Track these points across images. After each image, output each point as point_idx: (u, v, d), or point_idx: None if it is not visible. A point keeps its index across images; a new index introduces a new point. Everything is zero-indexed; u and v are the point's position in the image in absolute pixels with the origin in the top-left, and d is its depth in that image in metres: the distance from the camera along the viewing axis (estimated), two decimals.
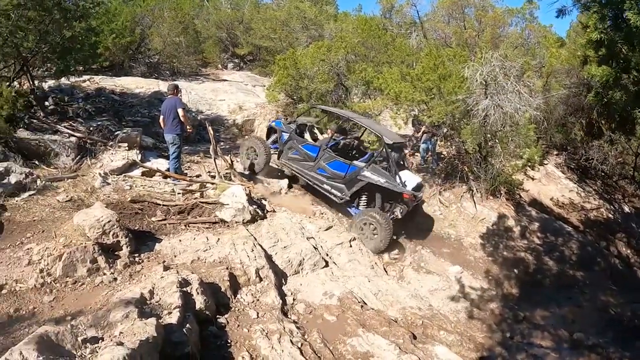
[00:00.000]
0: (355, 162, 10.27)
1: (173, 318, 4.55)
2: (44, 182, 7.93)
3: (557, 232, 11.77)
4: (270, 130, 11.93)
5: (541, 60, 16.85)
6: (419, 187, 10.39)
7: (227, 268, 6.49)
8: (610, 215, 14.00)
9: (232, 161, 10.34)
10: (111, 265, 5.86)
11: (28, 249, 5.83)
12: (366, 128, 11.53)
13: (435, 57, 11.99)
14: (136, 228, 7.20)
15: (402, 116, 12.69)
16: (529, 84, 11.66)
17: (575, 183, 15.12)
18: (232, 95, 18.20)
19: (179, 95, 9.88)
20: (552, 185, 14.65)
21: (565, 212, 13.68)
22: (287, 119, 12.33)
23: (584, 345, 7.99)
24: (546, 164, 14.90)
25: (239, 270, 6.63)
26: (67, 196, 7.67)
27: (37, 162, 8.94)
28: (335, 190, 10.26)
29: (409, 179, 10.05)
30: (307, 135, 11.47)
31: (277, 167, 11.63)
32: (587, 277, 10.47)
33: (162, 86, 16.54)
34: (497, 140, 11.53)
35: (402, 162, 10.77)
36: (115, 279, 5.64)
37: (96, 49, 13.38)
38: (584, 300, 9.66)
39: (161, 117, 9.63)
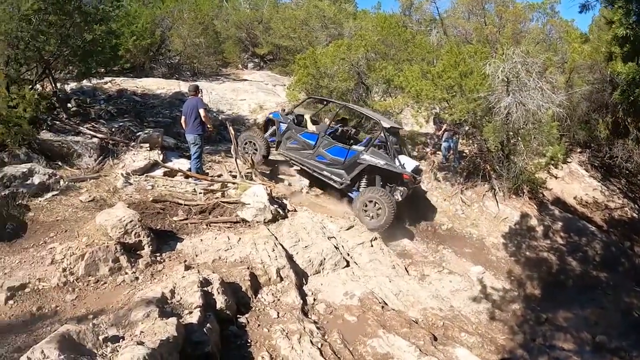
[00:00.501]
0: (354, 146, 10.50)
1: (194, 317, 4.56)
2: (67, 182, 8.04)
3: (580, 231, 11.59)
4: (268, 123, 11.95)
5: (563, 56, 16.49)
6: (417, 171, 10.53)
7: (248, 268, 6.51)
8: (634, 215, 13.71)
9: (253, 161, 10.33)
10: (133, 264, 5.90)
11: (51, 248, 5.92)
12: (364, 115, 12.00)
13: (456, 54, 11.86)
14: (158, 227, 7.25)
15: (424, 114, 12.65)
16: (551, 81, 11.50)
17: (599, 181, 14.85)
18: (252, 94, 18.14)
19: (200, 95, 9.92)
20: (575, 183, 14.40)
21: (589, 211, 13.44)
22: (284, 110, 12.33)
23: (607, 349, 7.89)
24: (569, 162, 14.68)
25: (259, 269, 6.64)
26: (89, 196, 7.76)
27: (60, 163, 9.04)
28: (335, 176, 10.36)
29: (407, 162, 10.19)
30: (308, 125, 11.49)
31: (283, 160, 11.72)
32: (610, 278, 10.29)
33: (183, 87, 16.55)
34: (519, 138, 11.39)
35: (399, 147, 10.87)
36: (137, 278, 5.69)
37: (117, 51, 13.50)
38: (607, 302, 9.49)
39: (182, 117, 9.71)
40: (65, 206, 7.33)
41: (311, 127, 11.35)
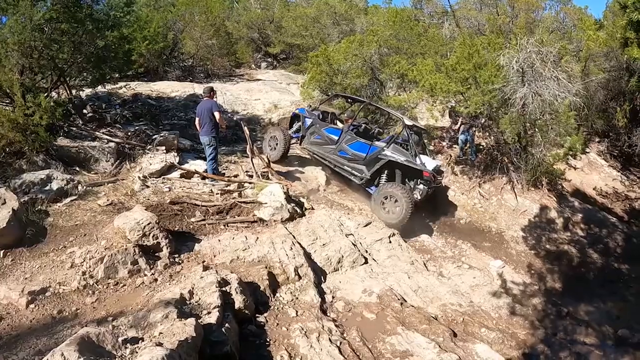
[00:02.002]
0: (376, 142, 10.58)
1: (212, 318, 4.56)
2: (85, 187, 8.15)
3: (601, 223, 11.44)
4: (294, 119, 12.11)
5: (578, 44, 16.22)
6: (438, 170, 10.51)
7: (266, 267, 6.50)
8: None
9: (269, 160, 10.34)
10: (152, 266, 5.95)
11: (71, 252, 5.98)
12: (387, 112, 12.12)
13: (469, 45, 11.66)
14: (176, 229, 7.30)
15: (439, 108, 12.52)
16: (567, 70, 11.29)
17: (618, 171, 14.69)
18: (266, 94, 18.15)
19: (215, 97, 9.94)
20: (594, 174, 14.23)
21: (609, 202, 13.29)
22: (310, 106, 12.51)
23: (629, 343, 7.69)
24: (588, 152, 14.47)
25: (277, 268, 6.63)
26: (107, 200, 7.85)
27: (77, 169, 9.16)
28: (355, 171, 10.39)
29: (428, 162, 10.18)
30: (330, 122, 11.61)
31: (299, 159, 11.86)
32: (632, 271, 10.09)
33: (197, 89, 16.66)
34: (536, 129, 11.20)
35: (421, 148, 10.94)
36: (156, 280, 5.73)
37: (130, 56, 13.63)
38: (629, 295, 9.32)
39: (197, 119, 9.74)
40: (84, 211, 7.41)
41: (339, 124, 11.49)
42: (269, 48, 26.22)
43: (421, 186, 9.94)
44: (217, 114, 9.49)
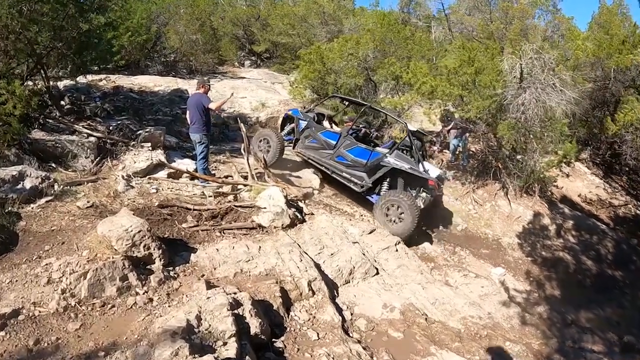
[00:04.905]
0: (378, 148, 10.21)
1: (230, 351, 3.70)
2: (62, 186, 7.12)
3: (591, 230, 11.62)
4: (285, 121, 11.52)
5: (565, 53, 16.16)
6: (441, 178, 10.34)
7: (276, 282, 5.75)
8: (638, 212, 13.89)
9: (265, 161, 9.48)
10: (144, 282, 5.03)
11: (47, 264, 5.01)
12: (388, 116, 11.85)
13: (470, 49, 11.56)
14: (166, 235, 6.42)
15: (436, 111, 12.70)
16: (565, 77, 11.08)
17: (601, 179, 15.20)
18: (252, 92, 17.54)
19: (207, 90, 8.99)
20: (578, 181, 14.63)
21: (594, 208, 13.70)
22: (304, 108, 12.06)
23: (635, 349, 7.70)
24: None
25: (289, 283, 5.91)
26: (88, 202, 6.83)
27: (54, 165, 8.12)
28: (355, 178, 9.94)
29: (431, 169, 9.98)
30: (325, 125, 11.18)
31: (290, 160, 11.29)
32: (626, 277, 10.35)
33: (182, 84, 16.05)
34: (531, 136, 11.32)
35: (423, 153, 10.69)
36: (151, 300, 4.81)
37: (112, 46, 12.65)
38: (626, 301, 9.53)
39: (188, 113, 8.84)
40: (61, 214, 6.40)
41: (335, 128, 11.15)
42: (253, 46, 25.70)
43: (424, 194, 9.70)
44: (213, 105, 8.57)
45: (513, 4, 22.52)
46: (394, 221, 9.10)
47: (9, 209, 6.17)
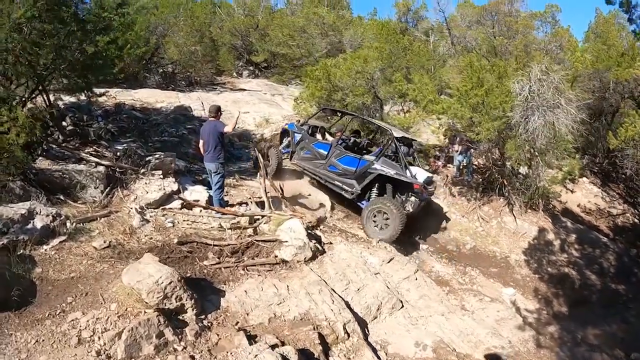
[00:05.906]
0: (365, 156, 10.45)
1: None
2: (74, 223, 6.67)
3: (593, 243, 11.74)
4: (284, 134, 11.99)
5: (564, 65, 16.17)
6: (429, 181, 10.41)
7: (314, 328, 5.55)
8: (636, 221, 13.99)
9: (282, 188, 9.14)
10: (180, 336, 4.71)
11: (73, 320, 4.62)
12: (376, 125, 12.15)
13: (478, 69, 11.59)
14: (188, 275, 6.08)
15: (443, 130, 13.03)
16: (570, 96, 11.19)
17: (599, 187, 15.35)
18: (255, 106, 17.21)
19: (220, 117, 8.63)
20: (577, 190, 14.76)
21: (594, 219, 13.85)
22: (299, 121, 12.38)
23: None
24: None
25: (325, 328, 5.73)
26: (104, 241, 6.42)
27: (62, 197, 7.62)
28: (346, 186, 10.26)
29: (419, 173, 10.06)
30: (319, 137, 11.49)
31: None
32: (628, 290, 10.49)
33: (183, 99, 15.70)
34: (537, 153, 11.35)
35: (413, 159, 10.93)
36: (193, 358, 4.44)
37: (113, 62, 12.18)
38: (630, 316, 9.60)
39: (200, 141, 8.46)
40: (78, 256, 5.99)
41: (330, 138, 11.51)
42: (252, 56, 25.30)
43: (413, 199, 9.81)
44: (229, 128, 8.26)
45: (516, 19, 22.57)
46: (380, 227, 9.32)
47: (21, 251, 5.71)
